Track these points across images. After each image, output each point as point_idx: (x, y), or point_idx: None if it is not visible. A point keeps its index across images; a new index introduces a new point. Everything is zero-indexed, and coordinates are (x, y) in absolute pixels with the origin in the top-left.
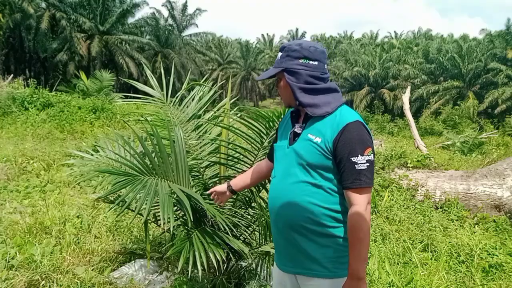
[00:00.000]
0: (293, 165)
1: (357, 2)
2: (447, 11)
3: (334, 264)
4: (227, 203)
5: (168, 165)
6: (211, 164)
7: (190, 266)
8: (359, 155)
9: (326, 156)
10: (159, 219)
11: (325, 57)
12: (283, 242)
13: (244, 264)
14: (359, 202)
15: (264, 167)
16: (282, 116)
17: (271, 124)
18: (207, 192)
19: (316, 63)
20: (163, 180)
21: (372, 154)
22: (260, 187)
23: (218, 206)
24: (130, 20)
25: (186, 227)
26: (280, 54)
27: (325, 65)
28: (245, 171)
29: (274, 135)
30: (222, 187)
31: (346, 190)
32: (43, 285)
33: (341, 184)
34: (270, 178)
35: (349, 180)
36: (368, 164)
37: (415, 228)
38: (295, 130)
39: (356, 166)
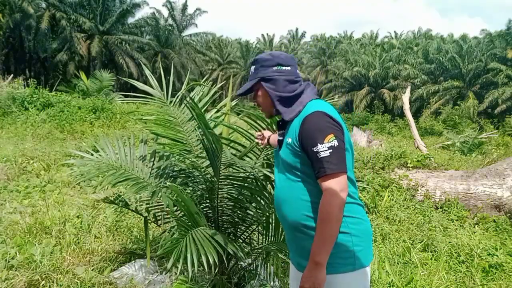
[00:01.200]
0: (282, 169)
1: (357, 2)
2: (447, 11)
3: (334, 259)
4: (227, 203)
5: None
6: None
7: (179, 266)
8: (319, 144)
9: (298, 154)
10: (159, 219)
11: (295, 62)
12: (289, 241)
13: (244, 264)
14: (327, 188)
15: None
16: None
17: (273, 123)
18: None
19: (289, 68)
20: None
21: (335, 140)
22: (261, 188)
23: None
24: (130, 20)
25: (184, 227)
26: (253, 67)
27: (296, 69)
28: (246, 171)
29: None
30: (268, 132)
31: (318, 181)
32: (43, 285)
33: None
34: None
35: (316, 170)
36: (330, 151)
37: (415, 228)
38: (279, 137)
39: (318, 155)
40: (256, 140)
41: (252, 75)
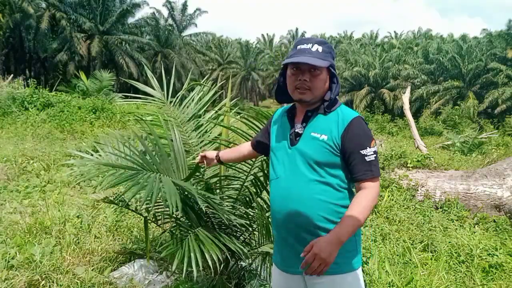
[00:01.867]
0: (300, 165)
1: (357, 2)
2: (447, 11)
3: (343, 259)
4: (227, 203)
5: (168, 163)
6: None
7: (185, 267)
8: (367, 148)
9: (334, 153)
10: (159, 219)
11: None
12: (291, 243)
13: (244, 264)
14: (373, 187)
15: (246, 151)
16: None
17: None
18: (196, 160)
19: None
20: (165, 175)
21: (375, 146)
22: (261, 188)
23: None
24: (130, 20)
25: (184, 228)
26: (320, 47)
27: None
28: (245, 170)
29: (263, 133)
30: (211, 153)
31: (359, 182)
32: (43, 285)
33: (353, 177)
34: (269, 180)
35: (361, 172)
36: (375, 155)
37: (415, 228)
38: (297, 130)
39: (366, 158)
40: (200, 164)
41: (321, 55)
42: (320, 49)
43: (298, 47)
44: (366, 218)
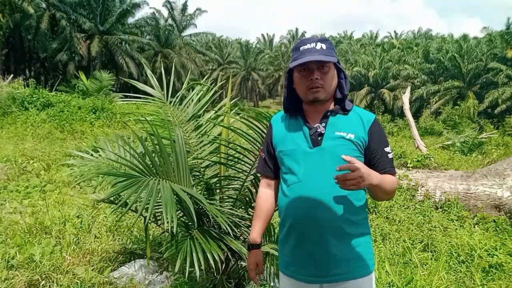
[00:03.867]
0: (326, 165)
1: (357, 2)
2: (446, 11)
3: (365, 261)
4: (227, 203)
5: (169, 165)
6: (212, 164)
7: (187, 267)
8: (388, 146)
9: (360, 151)
10: (159, 219)
11: None
12: (311, 250)
13: (244, 264)
14: (395, 179)
15: (270, 196)
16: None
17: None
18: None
19: None
20: (164, 180)
21: None
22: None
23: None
24: (130, 20)
25: (185, 228)
26: (323, 44)
27: None
28: (245, 170)
29: (268, 143)
30: (256, 256)
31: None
32: (43, 285)
33: (378, 172)
34: (287, 185)
35: (387, 167)
36: (392, 153)
37: (415, 228)
38: (319, 130)
39: (389, 155)
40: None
41: (327, 52)
42: (324, 46)
43: (302, 48)
44: (384, 190)
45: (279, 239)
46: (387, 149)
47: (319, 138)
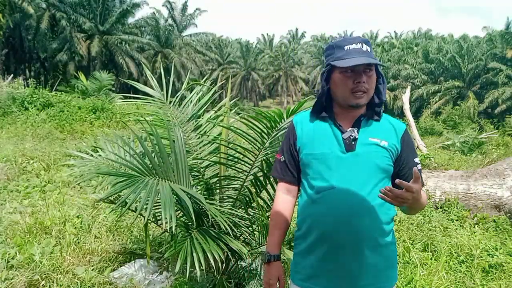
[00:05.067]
0: (362, 171)
1: (356, 1)
2: (446, 11)
3: (390, 272)
4: (227, 203)
5: (169, 165)
6: (211, 164)
7: (188, 267)
8: (417, 157)
9: (392, 159)
10: (159, 219)
11: None
12: (344, 262)
13: (244, 264)
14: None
15: (291, 203)
16: (284, 116)
17: (272, 124)
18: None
19: None
20: (163, 180)
21: None
22: (261, 188)
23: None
24: (130, 20)
25: (185, 228)
26: (367, 47)
27: None
28: (245, 170)
29: (290, 146)
30: (277, 269)
31: None
32: (43, 285)
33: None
34: (316, 191)
35: None
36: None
37: (415, 228)
38: (353, 134)
39: (418, 166)
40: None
41: (372, 55)
42: (368, 48)
43: (347, 47)
44: (420, 208)
45: (299, 251)
46: (417, 160)
47: (352, 143)
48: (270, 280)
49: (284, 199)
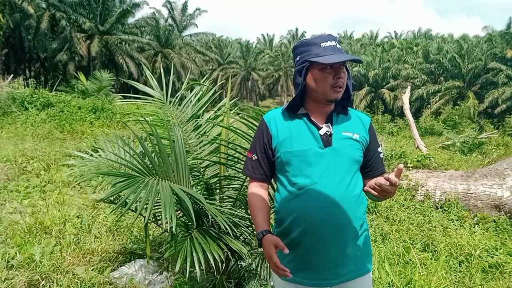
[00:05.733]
0: (342, 166)
1: (356, 1)
2: (445, 11)
3: (369, 257)
4: (227, 203)
5: (169, 165)
6: (211, 164)
7: (188, 267)
8: (380, 146)
9: (363, 151)
10: (159, 219)
11: None
12: (330, 253)
13: (244, 264)
14: None
15: (266, 195)
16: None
17: None
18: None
19: None
20: (163, 180)
21: None
22: None
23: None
24: (130, 20)
25: (185, 228)
26: (339, 45)
27: None
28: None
29: (264, 144)
30: (271, 239)
31: (376, 177)
32: (43, 285)
33: (372, 172)
34: (298, 187)
35: (380, 168)
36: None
37: (415, 228)
38: (329, 130)
39: (381, 155)
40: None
41: (343, 51)
42: (339, 46)
43: (323, 44)
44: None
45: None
46: (380, 149)
47: (329, 139)
48: (269, 253)
49: (258, 190)
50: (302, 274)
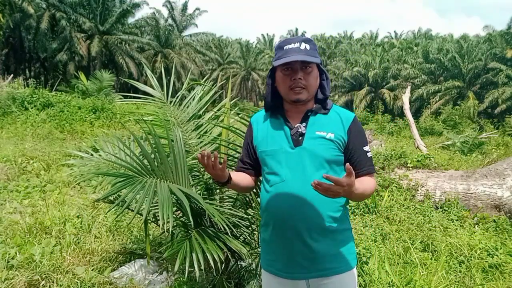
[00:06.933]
0: (309, 165)
1: (355, 1)
2: (445, 11)
3: (348, 256)
4: (227, 203)
5: (167, 165)
6: None
7: (187, 267)
8: (367, 145)
9: (340, 150)
10: (159, 219)
11: None
12: (297, 247)
13: (244, 264)
14: (374, 180)
15: (250, 179)
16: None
17: None
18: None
19: None
20: (162, 180)
21: None
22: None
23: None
24: (130, 20)
25: (184, 228)
26: (307, 45)
27: None
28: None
29: (248, 144)
30: (223, 168)
31: (362, 177)
32: (43, 285)
33: (357, 172)
34: (270, 185)
35: (365, 167)
36: (371, 152)
37: (415, 228)
38: (300, 130)
39: (367, 154)
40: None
41: (311, 53)
42: (308, 46)
43: (286, 47)
44: (362, 198)
45: (262, 238)
46: (366, 148)
47: (300, 138)
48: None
49: (243, 173)
50: (278, 266)
